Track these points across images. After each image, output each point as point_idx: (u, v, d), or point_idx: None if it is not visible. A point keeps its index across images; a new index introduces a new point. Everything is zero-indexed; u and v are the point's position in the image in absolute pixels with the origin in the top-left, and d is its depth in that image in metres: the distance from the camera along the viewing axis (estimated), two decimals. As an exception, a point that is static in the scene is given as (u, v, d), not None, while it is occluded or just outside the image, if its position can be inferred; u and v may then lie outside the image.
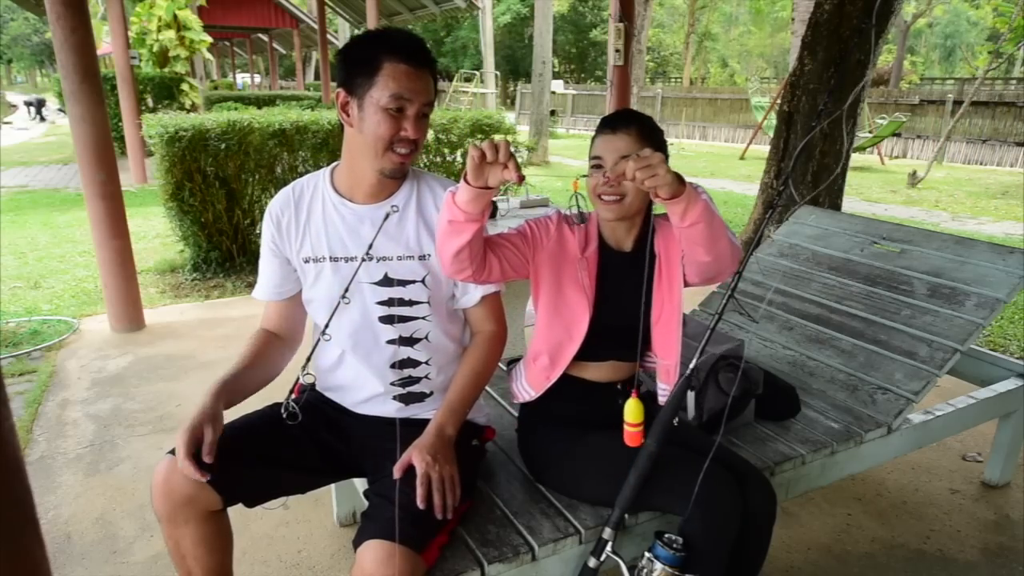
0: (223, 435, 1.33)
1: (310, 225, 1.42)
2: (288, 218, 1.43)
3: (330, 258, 1.41)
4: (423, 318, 1.44)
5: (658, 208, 1.49)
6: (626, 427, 1.31)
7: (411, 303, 1.42)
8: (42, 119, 22.23)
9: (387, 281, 1.41)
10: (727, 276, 1.40)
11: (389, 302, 1.41)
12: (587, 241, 1.47)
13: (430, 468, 1.25)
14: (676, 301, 1.45)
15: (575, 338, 1.46)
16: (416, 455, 1.26)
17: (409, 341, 1.44)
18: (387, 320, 1.42)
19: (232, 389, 1.36)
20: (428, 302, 1.43)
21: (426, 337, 1.45)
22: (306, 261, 1.43)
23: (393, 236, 1.41)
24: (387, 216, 1.37)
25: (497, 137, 5.54)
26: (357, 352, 1.44)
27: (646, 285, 1.46)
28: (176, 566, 1.36)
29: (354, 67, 1.31)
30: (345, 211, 1.41)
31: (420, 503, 1.21)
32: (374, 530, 1.17)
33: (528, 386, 1.53)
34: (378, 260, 1.40)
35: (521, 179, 1.14)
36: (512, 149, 1.15)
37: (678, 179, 1.17)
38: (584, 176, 1.40)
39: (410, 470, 1.26)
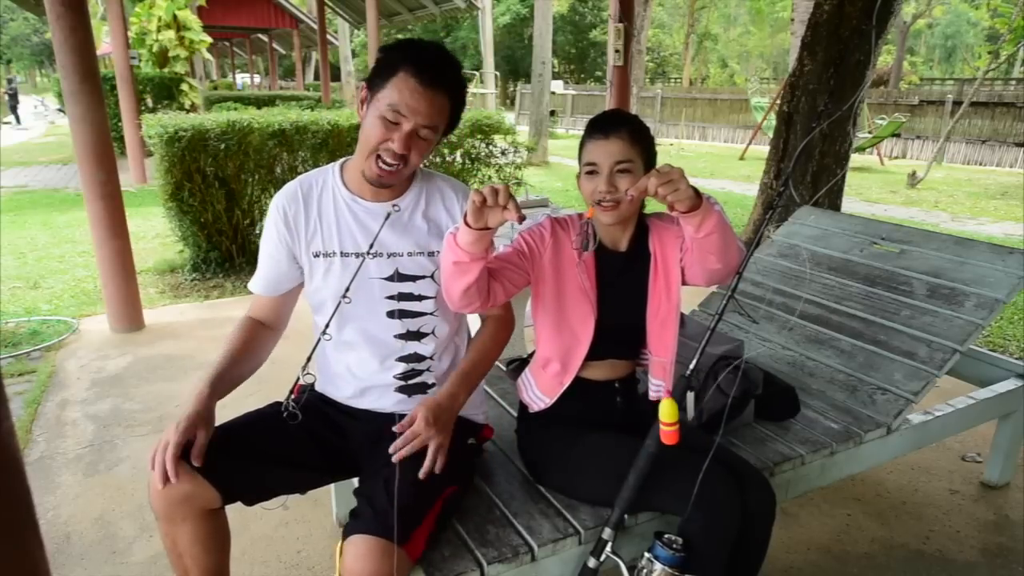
0: (222, 433, 1.33)
1: (320, 220, 1.42)
2: (296, 211, 1.42)
3: (340, 253, 1.41)
4: (431, 313, 1.45)
5: (652, 207, 1.49)
6: (662, 427, 1.29)
7: (420, 298, 1.44)
8: (16, 117, 19.86)
9: (397, 276, 1.42)
10: (730, 279, 1.41)
11: (398, 297, 1.43)
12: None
13: (424, 430, 1.28)
14: (674, 299, 1.46)
15: (583, 340, 1.46)
16: (420, 412, 1.30)
17: (417, 336, 1.45)
18: (394, 315, 1.43)
19: (222, 383, 1.37)
20: (436, 297, 1.44)
21: (432, 332, 1.46)
22: (316, 256, 1.42)
23: (403, 233, 1.43)
24: (388, 216, 1.37)
25: (500, 140, 5.54)
26: (363, 347, 1.44)
27: (644, 284, 1.46)
28: (173, 565, 1.36)
29: (378, 68, 1.34)
30: (356, 207, 1.42)
31: (395, 459, 1.24)
32: (356, 526, 1.19)
33: (542, 394, 1.53)
34: (388, 256, 1.42)
35: (521, 219, 1.16)
36: (511, 191, 1.17)
37: (696, 192, 1.19)
38: (598, 204, 1.39)
39: (390, 466, 1.26)
